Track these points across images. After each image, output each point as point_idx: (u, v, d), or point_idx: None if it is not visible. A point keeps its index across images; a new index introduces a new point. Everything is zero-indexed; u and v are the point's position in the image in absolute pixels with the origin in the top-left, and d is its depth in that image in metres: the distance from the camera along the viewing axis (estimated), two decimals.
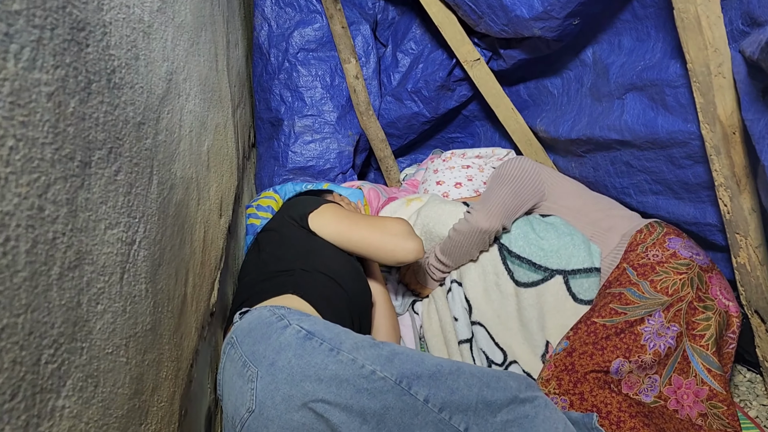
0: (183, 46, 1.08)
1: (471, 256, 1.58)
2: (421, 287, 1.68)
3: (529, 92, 2.02)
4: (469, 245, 1.55)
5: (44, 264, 0.48)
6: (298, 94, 2.09)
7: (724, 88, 1.21)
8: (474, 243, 1.54)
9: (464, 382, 1.09)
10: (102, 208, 0.62)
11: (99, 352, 0.58)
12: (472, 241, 1.54)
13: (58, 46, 0.54)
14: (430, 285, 1.65)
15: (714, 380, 1.27)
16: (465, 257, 1.58)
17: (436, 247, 1.63)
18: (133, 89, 0.76)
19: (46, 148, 0.50)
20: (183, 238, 0.99)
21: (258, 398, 1.07)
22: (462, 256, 1.58)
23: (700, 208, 1.50)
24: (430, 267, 1.62)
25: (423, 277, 1.66)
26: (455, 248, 1.56)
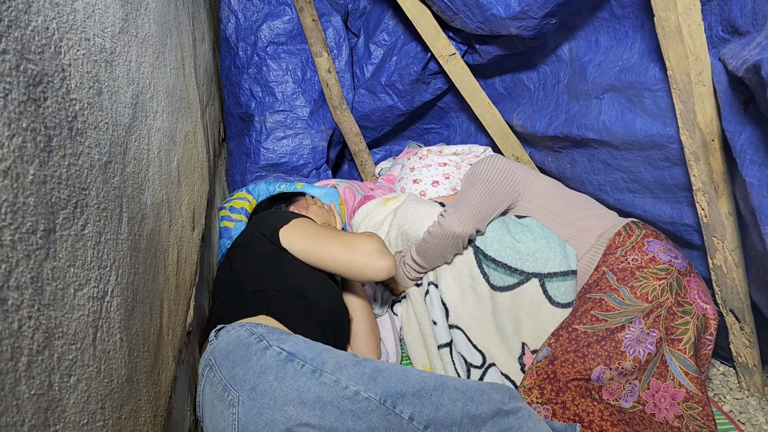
0: (148, 61, 1.03)
1: (445, 259, 1.57)
2: (395, 284, 1.67)
3: (505, 86, 2.00)
4: (443, 248, 1.53)
5: (10, 359, 0.45)
6: (268, 88, 2.03)
7: (705, 96, 1.20)
8: (447, 247, 1.52)
9: (448, 397, 1.09)
10: (70, 271, 0.58)
11: (74, 427, 0.55)
12: (446, 245, 1.52)
13: (12, 112, 0.50)
14: (405, 283, 1.64)
15: (691, 383, 1.29)
16: (439, 260, 1.57)
17: (411, 247, 1.62)
18: (97, 129, 0.71)
19: (4, 232, 0.47)
20: (156, 268, 0.95)
21: (240, 424, 1.05)
22: (436, 258, 1.56)
23: (677, 208, 1.50)
24: (406, 266, 1.61)
25: (398, 276, 1.64)
26: (429, 251, 1.55)
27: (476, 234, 1.55)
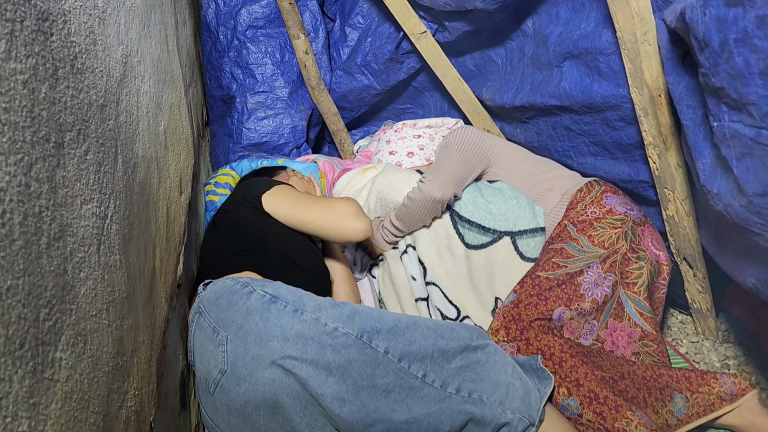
0: (135, 29, 1.12)
1: (424, 222, 1.67)
2: (373, 248, 1.76)
3: (475, 62, 2.10)
4: (423, 212, 1.63)
5: (34, 234, 0.54)
6: (248, 71, 2.12)
7: (650, 54, 1.31)
8: (427, 211, 1.63)
9: (420, 334, 1.18)
10: (77, 185, 0.67)
11: (85, 314, 0.64)
12: (426, 209, 1.62)
13: (27, 36, 0.59)
14: (384, 247, 1.74)
15: (645, 322, 1.40)
16: (419, 223, 1.67)
17: (390, 212, 1.71)
18: (93, 73, 0.80)
19: (26, 131, 0.56)
20: (148, 215, 1.04)
21: (229, 359, 1.14)
22: (416, 222, 1.66)
23: (633, 166, 1.62)
24: (385, 230, 1.70)
25: (377, 239, 1.74)
26: (409, 215, 1.65)
27: (454, 199, 1.65)
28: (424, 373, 1.14)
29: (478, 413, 1.10)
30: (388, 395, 1.11)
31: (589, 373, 1.24)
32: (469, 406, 1.11)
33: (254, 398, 1.12)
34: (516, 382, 1.17)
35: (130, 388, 0.80)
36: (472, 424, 1.11)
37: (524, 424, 1.11)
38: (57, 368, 0.55)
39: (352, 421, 1.07)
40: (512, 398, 1.14)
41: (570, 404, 1.23)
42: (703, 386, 1.29)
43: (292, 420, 1.12)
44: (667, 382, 1.30)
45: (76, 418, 0.59)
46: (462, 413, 1.10)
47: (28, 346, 0.50)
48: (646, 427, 1.15)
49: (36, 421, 0.50)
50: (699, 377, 1.31)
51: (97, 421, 0.65)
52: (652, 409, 1.26)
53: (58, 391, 0.55)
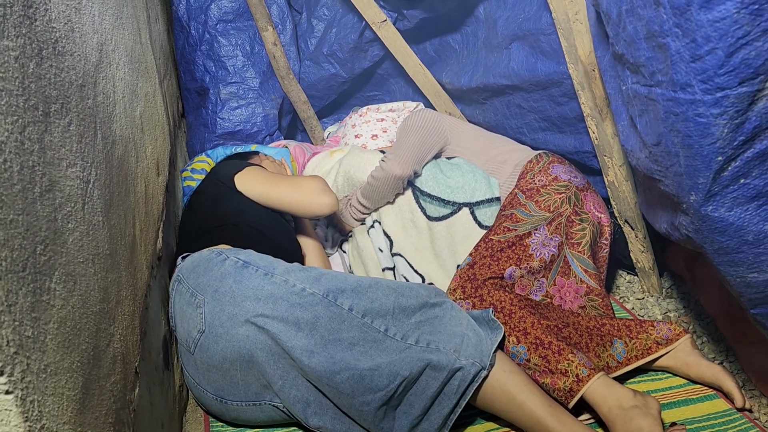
0: (109, 20, 1.22)
1: (388, 199, 1.79)
2: (343, 224, 1.88)
3: (435, 48, 2.23)
4: (386, 189, 1.75)
5: (29, 183, 0.65)
6: (220, 63, 2.23)
7: (582, 32, 1.44)
8: (390, 187, 1.75)
9: (382, 293, 1.30)
10: (62, 150, 0.78)
11: (73, 258, 0.75)
12: (388, 186, 1.74)
13: (16, 20, 0.70)
14: (352, 224, 1.86)
15: (590, 279, 1.54)
16: (383, 200, 1.79)
17: (357, 191, 1.83)
18: (72, 56, 0.91)
19: (19, 98, 0.66)
20: (127, 188, 1.15)
21: (207, 320, 1.25)
22: (380, 199, 1.78)
23: (578, 138, 1.75)
24: (352, 208, 1.82)
25: (345, 216, 1.86)
26: (374, 192, 1.77)
27: (414, 176, 1.77)
28: (386, 328, 1.26)
29: (434, 360, 1.22)
30: (353, 347, 1.23)
31: (536, 323, 1.36)
32: (426, 354, 1.23)
33: (231, 354, 1.23)
34: (470, 332, 1.29)
35: (116, 332, 0.91)
36: (429, 369, 1.23)
37: (476, 368, 1.23)
38: (52, 296, 0.66)
39: (320, 370, 1.19)
40: (466, 346, 1.26)
41: (519, 351, 1.36)
42: (641, 333, 1.43)
43: (266, 372, 1.23)
44: (609, 329, 1.43)
45: (70, 341, 0.70)
46: (420, 360, 1.22)
47: (29, 271, 0.61)
48: (585, 366, 1.28)
49: (38, 332, 0.61)
50: (638, 325, 1.44)
51: (88, 349, 0.76)
52: (594, 353, 1.39)
53: (54, 314, 0.66)
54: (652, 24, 0.84)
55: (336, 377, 1.19)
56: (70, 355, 0.69)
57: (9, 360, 0.54)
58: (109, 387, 0.83)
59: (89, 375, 0.75)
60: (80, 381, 0.71)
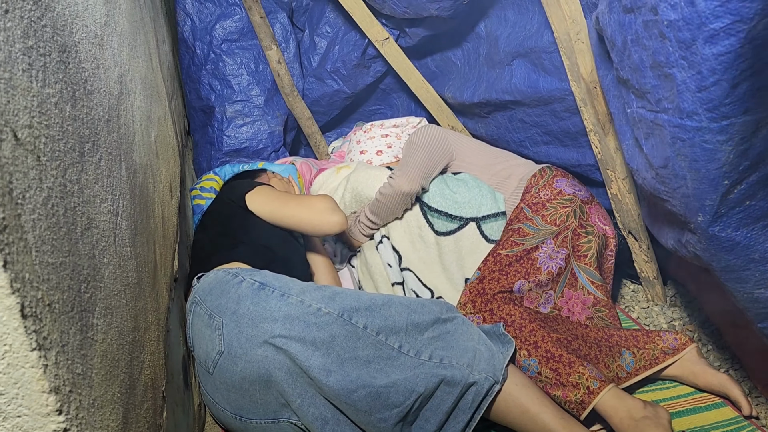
0: (125, 51, 1.25)
1: (396, 215, 1.82)
2: (352, 241, 1.92)
3: (436, 64, 2.27)
4: (394, 206, 1.79)
5: (72, 224, 0.68)
6: (226, 82, 2.26)
7: (584, 51, 1.48)
8: (398, 204, 1.78)
9: (395, 310, 1.33)
10: (95, 187, 0.81)
11: (110, 292, 0.78)
12: (397, 202, 1.78)
13: (54, 66, 0.73)
14: (361, 239, 1.89)
15: (597, 290, 1.57)
16: (391, 216, 1.82)
17: (365, 207, 1.87)
18: (99, 93, 0.94)
19: (59, 143, 0.70)
20: (147, 215, 1.18)
21: (225, 341, 1.28)
22: (389, 215, 1.82)
23: (581, 152, 1.79)
24: (361, 224, 1.86)
25: (354, 233, 1.89)
26: (382, 209, 1.80)
27: (422, 191, 1.81)
28: (399, 344, 1.29)
29: (448, 375, 1.26)
30: (369, 365, 1.26)
31: (546, 336, 1.40)
32: (440, 370, 1.26)
33: (250, 374, 1.26)
34: (482, 347, 1.32)
35: (146, 359, 0.94)
36: (444, 384, 1.26)
37: (490, 382, 1.27)
38: (96, 331, 0.69)
39: (338, 389, 1.22)
40: (479, 361, 1.29)
41: (530, 364, 1.39)
42: (648, 343, 1.46)
43: (285, 391, 1.26)
44: (617, 340, 1.47)
45: (111, 374, 0.73)
46: (435, 376, 1.25)
47: (76, 310, 0.64)
48: (596, 378, 1.31)
49: (86, 368, 0.64)
50: (645, 335, 1.48)
51: (125, 380, 0.79)
52: (604, 364, 1.42)
53: (97, 349, 0.69)
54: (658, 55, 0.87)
55: (353, 395, 1.21)
56: (111, 387, 0.72)
57: (65, 399, 0.57)
58: (143, 414, 0.86)
59: (127, 404, 0.78)
60: (120, 411, 0.74)
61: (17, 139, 0.57)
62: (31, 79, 0.64)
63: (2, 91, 0.56)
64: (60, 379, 0.56)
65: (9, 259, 0.50)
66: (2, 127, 0.54)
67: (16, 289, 0.50)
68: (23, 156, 0.57)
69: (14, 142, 0.56)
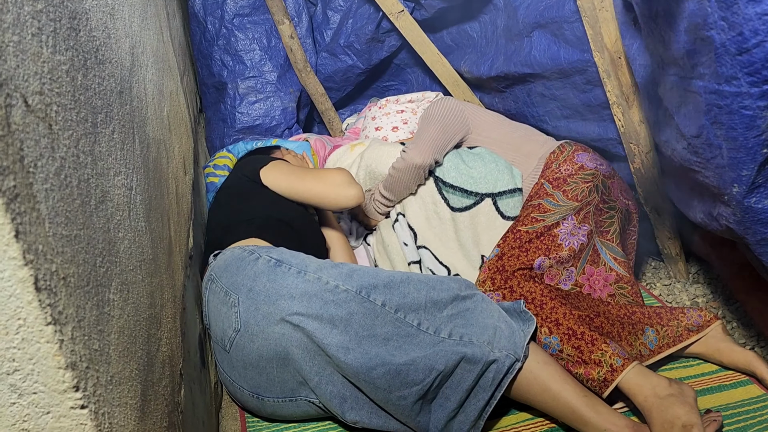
0: (137, 22, 1.22)
1: (410, 190, 1.79)
2: (368, 219, 1.89)
3: (452, 37, 2.21)
4: (408, 180, 1.75)
5: (86, 196, 0.66)
6: (238, 57, 2.22)
7: (608, 20, 1.43)
8: (411, 178, 1.75)
9: (414, 287, 1.31)
10: (109, 159, 0.79)
11: (125, 267, 0.76)
12: (410, 176, 1.74)
13: (64, 33, 0.70)
14: (376, 218, 1.86)
15: (620, 266, 1.53)
16: (405, 191, 1.79)
17: (379, 184, 1.83)
18: (111, 63, 0.91)
19: (72, 112, 0.67)
20: (161, 190, 1.15)
21: (242, 319, 1.26)
22: (402, 190, 1.78)
23: (602, 126, 1.74)
24: (376, 202, 1.82)
25: (369, 211, 1.86)
26: (396, 184, 1.77)
27: (435, 165, 1.77)
28: (418, 322, 1.27)
29: (468, 353, 1.23)
30: (388, 342, 1.24)
31: (567, 313, 1.37)
32: (460, 347, 1.24)
33: (267, 352, 1.25)
34: (502, 324, 1.29)
35: (163, 336, 0.92)
36: (464, 362, 1.23)
37: (510, 360, 1.24)
38: (112, 307, 0.67)
39: (356, 366, 1.20)
40: (499, 338, 1.26)
41: (551, 342, 1.36)
42: (672, 320, 1.43)
43: (302, 369, 1.24)
44: (639, 318, 1.44)
45: (128, 350, 0.71)
46: (454, 354, 1.23)
47: (92, 285, 0.62)
48: (619, 356, 1.29)
49: (103, 344, 0.62)
50: (668, 312, 1.44)
51: (143, 356, 0.78)
52: (626, 342, 1.39)
53: (114, 324, 0.67)
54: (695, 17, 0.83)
55: (372, 372, 1.20)
56: (129, 364, 0.70)
57: (82, 375, 0.55)
58: (162, 391, 0.85)
59: (145, 381, 0.76)
60: (139, 389, 0.73)
61: (28, 105, 0.54)
62: (41, 44, 0.61)
63: (11, 55, 0.53)
64: (76, 354, 0.54)
65: (21, 229, 0.47)
66: (12, 92, 0.51)
67: (29, 260, 0.48)
68: (34, 123, 0.55)
69: (25, 108, 0.53)
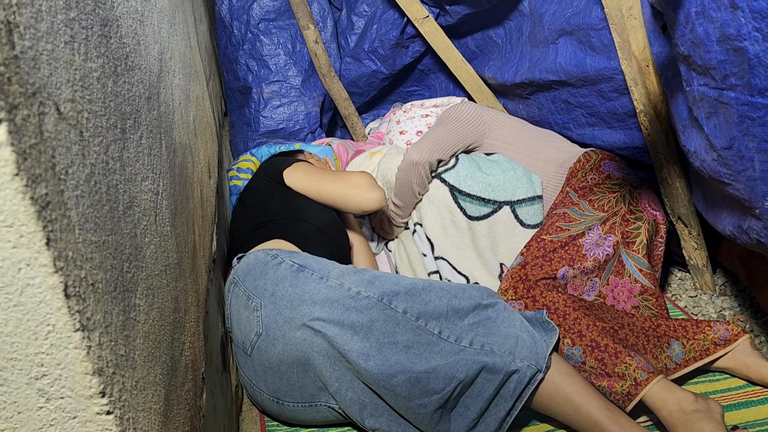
0: (165, 28, 1.24)
1: (414, 193, 1.76)
2: (387, 233, 1.89)
3: (477, 43, 2.20)
4: (409, 180, 1.74)
5: (114, 202, 0.66)
6: (263, 62, 2.24)
7: (636, 27, 1.41)
8: (412, 176, 1.73)
9: (435, 295, 1.30)
10: (137, 165, 0.80)
11: (151, 272, 0.77)
12: (410, 175, 1.73)
13: (96, 40, 0.71)
14: (395, 231, 1.86)
15: (645, 278, 1.51)
16: (410, 195, 1.77)
17: (391, 193, 1.84)
18: (140, 70, 0.92)
19: (102, 119, 0.68)
20: (186, 194, 1.16)
21: (264, 323, 1.27)
22: (407, 192, 1.76)
23: (628, 134, 1.72)
24: (390, 212, 1.83)
25: (387, 224, 1.86)
26: (400, 187, 1.76)
27: (438, 165, 1.76)
28: (440, 330, 1.26)
29: (490, 362, 1.22)
30: (408, 350, 1.23)
31: (591, 324, 1.35)
32: (481, 356, 1.23)
33: (288, 357, 1.25)
34: (524, 334, 1.28)
35: (186, 341, 0.93)
36: (485, 372, 1.22)
37: (532, 370, 1.23)
38: (138, 312, 0.68)
39: (377, 373, 1.20)
40: (521, 348, 1.25)
41: (574, 353, 1.35)
42: (698, 334, 1.40)
43: (323, 375, 1.24)
44: (665, 330, 1.41)
45: (153, 354, 0.72)
46: (475, 363, 1.22)
47: (119, 290, 0.63)
48: (644, 369, 1.26)
49: (128, 349, 0.63)
50: (694, 326, 1.42)
51: (166, 361, 0.78)
52: (652, 354, 1.37)
53: (140, 330, 0.68)
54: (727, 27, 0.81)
55: (392, 380, 1.19)
56: (153, 369, 0.71)
57: (108, 380, 0.55)
58: (184, 396, 0.85)
59: (169, 386, 0.77)
60: (162, 393, 0.73)
61: (60, 112, 0.55)
62: (74, 52, 0.62)
63: (45, 63, 0.54)
64: (103, 360, 0.55)
65: (52, 236, 0.48)
66: (45, 100, 0.52)
67: (60, 267, 0.48)
68: (66, 131, 0.56)
69: (57, 115, 0.54)
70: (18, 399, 0.52)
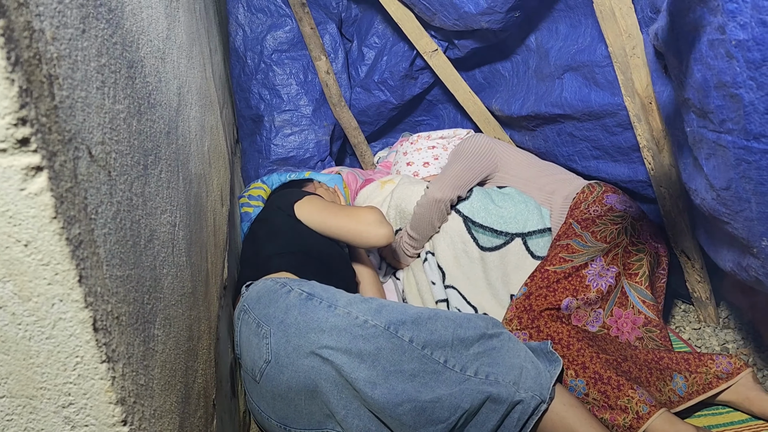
0: (183, 63, 1.29)
1: (434, 227, 1.81)
2: (397, 263, 1.91)
3: (484, 76, 2.25)
4: (430, 216, 1.78)
5: (137, 237, 0.70)
6: (275, 91, 2.30)
7: (639, 66, 1.45)
8: (433, 213, 1.77)
9: (441, 324, 1.33)
10: (157, 199, 0.84)
11: (168, 303, 0.80)
12: (432, 212, 1.77)
13: (123, 82, 0.75)
14: (405, 261, 1.89)
15: (648, 309, 1.53)
16: (429, 229, 1.81)
17: (406, 225, 1.87)
18: (161, 106, 0.97)
19: (127, 157, 0.72)
20: (201, 223, 1.20)
21: (273, 350, 1.29)
22: (426, 227, 1.80)
23: (632, 168, 1.75)
24: (404, 244, 1.85)
25: (398, 254, 1.89)
26: (419, 221, 1.80)
27: (458, 200, 1.80)
28: (445, 359, 1.28)
29: (494, 392, 1.24)
30: (414, 379, 1.25)
31: (595, 356, 1.37)
32: (486, 386, 1.25)
33: (296, 384, 1.27)
34: (528, 365, 1.30)
35: (199, 368, 0.96)
36: (490, 401, 1.24)
37: (536, 401, 1.25)
38: (156, 342, 0.71)
39: (383, 402, 1.22)
40: (525, 379, 1.27)
41: (577, 384, 1.36)
42: (701, 367, 1.42)
43: (330, 402, 1.26)
44: (668, 363, 1.43)
45: (169, 383, 0.75)
46: (480, 393, 1.24)
47: (140, 322, 0.66)
48: (646, 403, 1.28)
49: (148, 379, 0.66)
50: (697, 359, 1.43)
51: (181, 389, 0.81)
52: (655, 387, 1.38)
53: (158, 359, 0.71)
54: (724, 75, 0.85)
55: (398, 409, 1.21)
56: (169, 397, 0.74)
57: (130, 409, 0.58)
58: (197, 422, 0.88)
59: (183, 413, 0.80)
60: (177, 421, 0.76)
61: (92, 155, 0.59)
62: (104, 96, 0.66)
63: (79, 110, 0.58)
64: (126, 390, 0.58)
65: (84, 273, 0.51)
66: (79, 145, 0.56)
67: (89, 303, 0.52)
68: (96, 172, 0.59)
69: (89, 159, 0.58)
70: (45, 426, 0.55)
